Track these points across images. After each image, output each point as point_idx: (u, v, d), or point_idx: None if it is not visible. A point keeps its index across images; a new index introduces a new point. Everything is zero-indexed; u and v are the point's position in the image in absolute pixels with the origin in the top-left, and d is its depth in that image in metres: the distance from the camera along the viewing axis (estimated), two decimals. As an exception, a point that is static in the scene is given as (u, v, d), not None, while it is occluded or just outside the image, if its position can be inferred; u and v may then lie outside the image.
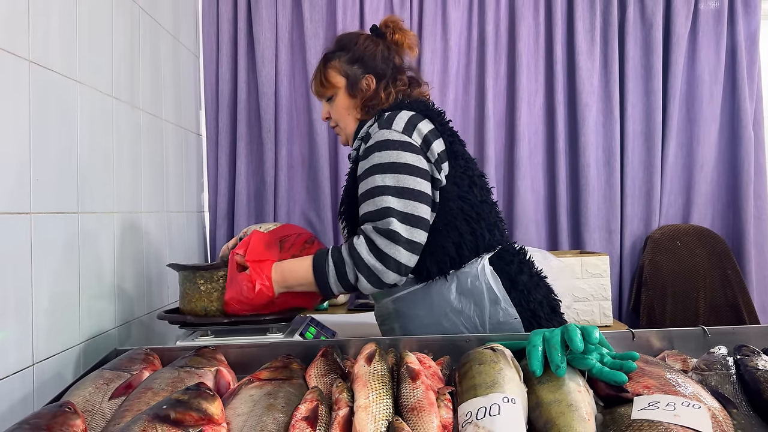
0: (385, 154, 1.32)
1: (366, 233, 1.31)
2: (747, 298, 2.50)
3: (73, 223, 1.35)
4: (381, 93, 1.47)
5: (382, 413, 0.85)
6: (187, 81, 2.32)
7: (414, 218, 1.30)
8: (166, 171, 2.02)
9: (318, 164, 2.60)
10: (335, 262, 1.32)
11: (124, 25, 1.69)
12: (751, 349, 1.02)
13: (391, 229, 1.27)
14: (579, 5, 2.63)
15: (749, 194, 2.64)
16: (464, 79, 2.68)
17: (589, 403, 0.87)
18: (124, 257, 1.63)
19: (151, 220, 1.85)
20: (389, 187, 1.30)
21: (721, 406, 0.86)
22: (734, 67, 2.69)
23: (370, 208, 1.31)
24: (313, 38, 2.59)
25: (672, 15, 2.65)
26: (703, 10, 2.67)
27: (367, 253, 1.29)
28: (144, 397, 0.95)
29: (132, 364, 1.10)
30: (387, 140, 1.33)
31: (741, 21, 2.68)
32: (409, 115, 1.37)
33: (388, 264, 1.28)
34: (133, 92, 1.73)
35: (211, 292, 1.42)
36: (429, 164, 1.35)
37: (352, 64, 1.48)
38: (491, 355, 0.98)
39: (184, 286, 1.46)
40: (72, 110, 1.37)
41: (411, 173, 1.31)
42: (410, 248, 1.29)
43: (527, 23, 2.63)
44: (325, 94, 1.52)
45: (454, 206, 1.36)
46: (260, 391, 0.96)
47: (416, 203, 1.30)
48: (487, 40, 2.63)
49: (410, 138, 1.33)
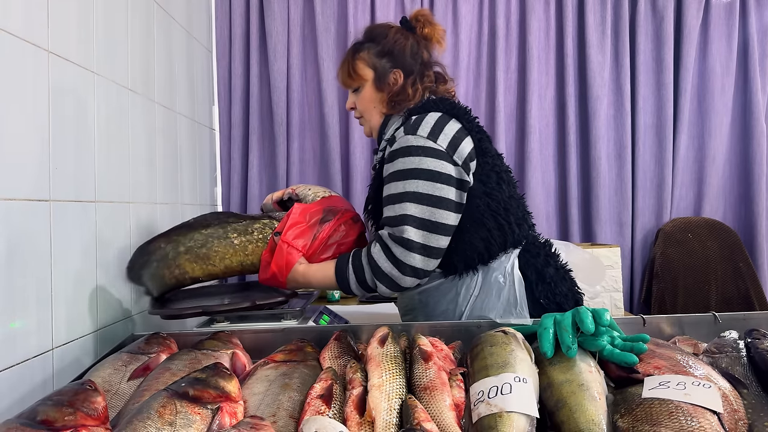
0: (408, 160, 1.33)
1: (383, 240, 1.34)
2: (759, 291, 2.49)
3: (90, 211, 1.37)
4: (408, 89, 1.46)
5: (396, 392, 0.86)
6: (200, 75, 2.35)
7: (432, 224, 1.31)
8: (181, 164, 2.04)
9: (330, 158, 2.62)
10: (355, 269, 1.36)
11: (140, 19, 1.71)
12: (762, 333, 1.03)
13: (405, 237, 1.31)
14: (590, -2, 2.63)
15: (762, 187, 2.63)
16: (475, 72, 2.69)
17: (600, 383, 0.88)
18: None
19: (165, 211, 1.88)
20: (408, 193, 1.31)
21: (732, 386, 0.87)
22: (746, 60, 2.68)
23: (389, 214, 1.34)
24: (325, 32, 2.61)
25: (683, 8, 2.64)
26: (715, 2, 2.66)
27: (384, 260, 1.33)
28: (162, 377, 0.97)
29: (149, 347, 1.13)
30: (410, 146, 1.34)
31: (753, 13, 2.66)
32: (436, 118, 1.37)
33: (404, 270, 1.32)
34: (148, 85, 1.76)
35: (245, 245, 1.37)
36: (456, 167, 1.35)
37: (381, 58, 1.47)
38: (503, 337, 0.99)
39: (212, 244, 1.37)
40: (89, 101, 1.39)
41: (431, 179, 1.32)
42: (426, 253, 1.32)
43: (538, 17, 2.64)
44: (352, 85, 1.51)
45: (481, 203, 1.37)
46: (276, 372, 0.98)
47: (435, 209, 1.32)
48: (497, 34, 2.63)
49: (434, 143, 1.34)
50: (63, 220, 1.25)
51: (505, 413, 0.79)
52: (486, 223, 1.37)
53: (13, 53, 1.09)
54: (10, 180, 1.08)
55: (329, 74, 2.61)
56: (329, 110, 2.61)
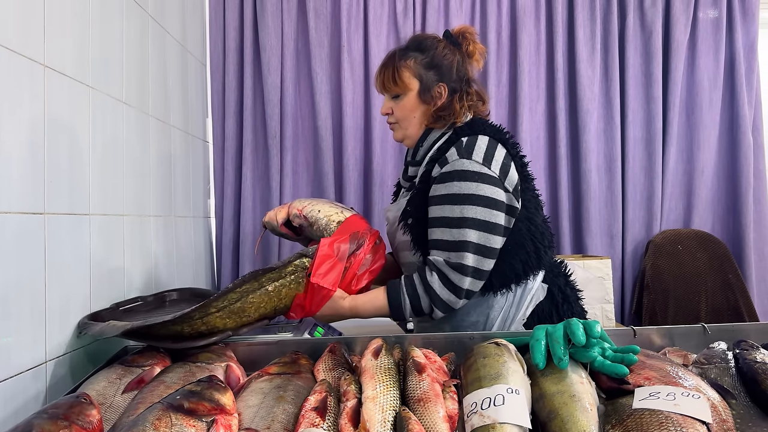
0: (465, 185, 1.36)
1: (438, 267, 1.38)
2: (748, 302, 2.52)
3: (84, 224, 1.38)
4: (456, 105, 1.47)
5: (390, 404, 0.87)
6: (194, 88, 2.36)
7: (487, 249, 1.37)
8: (174, 176, 2.05)
9: (323, 171, 2.64)
10: (410, 297, 1.40)
11: (135, 32, 1.73)
12: (750, 344, 1.05)
13: (463, 264, 1.36)
14: (579, 13, 2.67)
15: (749, 199, 2.67)
16: (467, 86, 2.71)
17: (591, 394, 0.90)
18: (133, 259, 1.66)
19: (159, 224, 1.88)
20: (468, 219, 1.35)
21: (721, 396, 0.89)
22: (733, 74, 2.72)
23: (446, 237, 1.37)
24: (318, 47, 2.63)
25: (671, 23, 2.68)
26: (702, 18, 2.71)
27: (440, 287, 1.38)
28: (157, 390, 0.97)
29: (143, 360, 1.13)
30: (467, 171, 1.36)
31: (739, 29, 2.71)
32: (486, 142, 1.40)
33: (459, 295, 1.38)
34: (143, 98, 1.77)
35: (279, 290, 1.31)
36: (507, 194, 1.40)
37: (429, 70, 1.47)
38: (495, 348, 1.01)
39: (246, 298, 1.28)
40: (84, 114, 1.40)
41: (489, 206, 1.36)
42: (477, 276, 1.39)
43: (528, 31, 2.67)
44: (394, 92, 1.50)
45: (523, 227, 1.43)
46: (270, 384, 0.99)
47: (491, 235, 1.37)
48: (489, 48, 2.66)
49: (489, 169, 1.37)
50: (57, 232, 1.25)
51: (498, 424, 0.80)
52: (526, 246, 1.43)
53: (9, 67, 1.10)
54: (4, 193, 1.08)
55: (323, 88, 2.63)
56: (322, 123, 2.63)
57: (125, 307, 1.46)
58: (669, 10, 2.69)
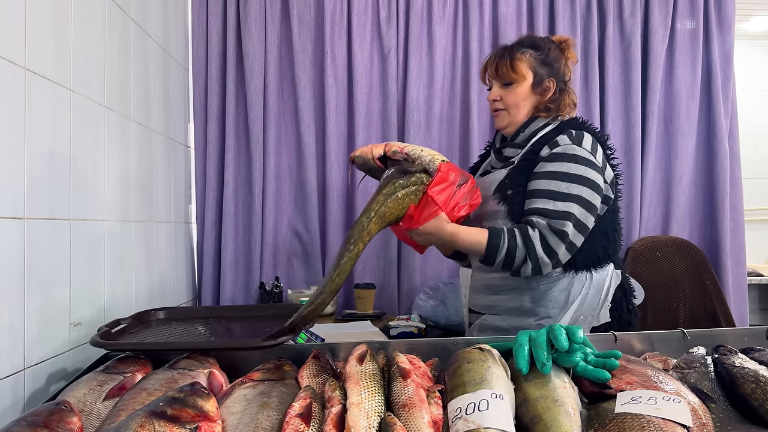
0: (575, 167, 1.49)
1: (540, 228, 1.46)
2: (725, 308, 2.56)
3: (65, 228, 1.36)
4: (566, 99, 1.64)
5: (374, 410, 0.87)
6: (176, 93, 2.34)
7: (583, 226, 1.49)
8: (155, 181, 2.03)
9: (306, 176, 2.63)
10: (509, 245, 1.46)
11: (117, 37, 1.71)
12: (728, 348, 1.07)
13: (564, 230, 1.45)
14: (560, 23, 2.70)
15: (725, 206, 2.71)
16: (449, 93, 2.73)
17: (574, 398, 0.90)
18: (113, 265, 1.64)
19: (139, 229, 1.87)
20: (575, 195, 1.47)
21: (701, 400, 0.90)
22: (710, 84, 2.77)
23: (551, 207, 1.47)
24: (302, 52, 2.63)
25: (650, 33, 2.73)
26: (680, 29, 2.76)
27: (539, 245, 1.45)
28: (139, 397, 0.96)
29: (125, 366, 1.11)
30: (578, 155, 1.50)
31: (716, 40, 2.76)
32: (591, 138, 1.55)
33: (552, 258, 1.46)
34: (124, 102, 1.76)
35: (404, 198, 1.39)
36: (605, 184, 1.53)
37: (542, 65, 1.61)
38: (479, 354, 1.01)
39: (386, 201, 1.36)
40: (65, 118, 1.39)
41: (593, 188, 1.49)
42: (570, 249, 1.48)
43: (510, 40, 2.66)
44: (507, 79, 1.60)
45: (609, 217, 1.58)
46: (254, 391, 0.98)
47: (589, 215, 1.49)
48: (471, 56, 2.69)
49: (595, 158, 1.51)
50: (37, 237, 1.23)
51: (482, 429, 0.80)
52: (609, 235, 1.57)
53: (-11, 70, 1.09)
54: (-16, 197, 1.07)
55: (306, 93, 2.63)
56: (306, 129, 2.63)
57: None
58: (648, 21, 2.74)
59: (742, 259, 2.77)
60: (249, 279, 2.61)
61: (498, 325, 1.59)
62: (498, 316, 1.60)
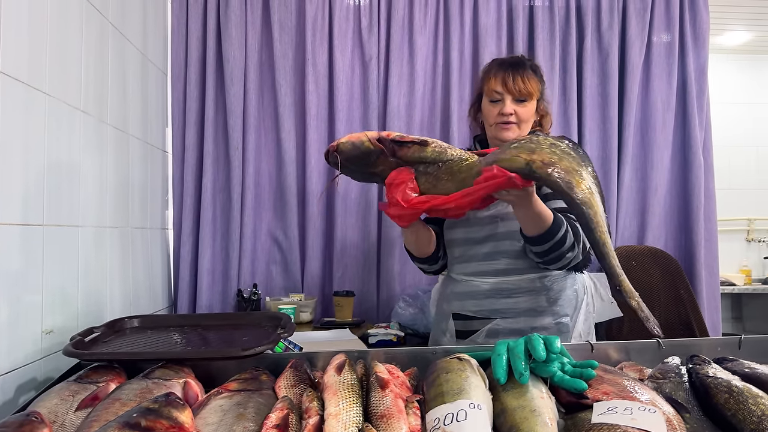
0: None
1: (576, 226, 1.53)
2: (699, 317, 2.59)
3: (37, 234, 1.33)
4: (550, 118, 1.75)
5: (352, 420, 0.86)
6: (154, 97, 2.32)
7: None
8: (132, 186, 2.01)
9: (286, 183, 2.62)
10: (566, 229, 1.48)
11: (94, 40, 1.69)
12: (702, 359, 1.08)
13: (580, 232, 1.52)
14: (539, 34, 2.73)
15: (700, 217, 2.76)
16: (430, 102, 2.74)
17: (551, 408, 0.91)
18: (87, 272, 1.61)
19: (115, 235, 1.84)
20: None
21: (675, 410, 0.91)
22: (685, 97, 2.82)
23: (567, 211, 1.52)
24: (282, 58, 2.62)
25: (627, 46, 2.77)
26: (656, 41, 2.80)
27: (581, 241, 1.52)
28: (112, 407, 0.94)
29: (98, 376, 1.09)
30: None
31: (691, 53, 2.81)
32: None
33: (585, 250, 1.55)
34: (101, 107, 1.73)
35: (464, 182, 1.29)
36: None
37: (542, 85, 1.70)
38: (458, 363, 1.01)
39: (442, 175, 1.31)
40: (40, 122, 1.36)
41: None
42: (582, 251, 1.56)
43: (490, 51, 2.72)
44: (524, 95, 1.63)
45: None
46: (230, 402, 0.97)
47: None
48: (451, 66, 2.70)
49: None
50: (8, 243, 1.21)
51: (460, 440, 0.80)
52: None
53: (-38, 72, 1.07)
54: (-46, 202, 1.04)
55: (287, 100, 2.62)
56: (286, 135, 2.62)
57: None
58: (625, 33, 2.78)
59: (715, 268, 2.82)
60: (226, 286, 2.59)
61: (514, 327, 1.60)
62: (512, 319, 1.62)
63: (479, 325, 1.65)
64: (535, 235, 1.47)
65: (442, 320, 1.75)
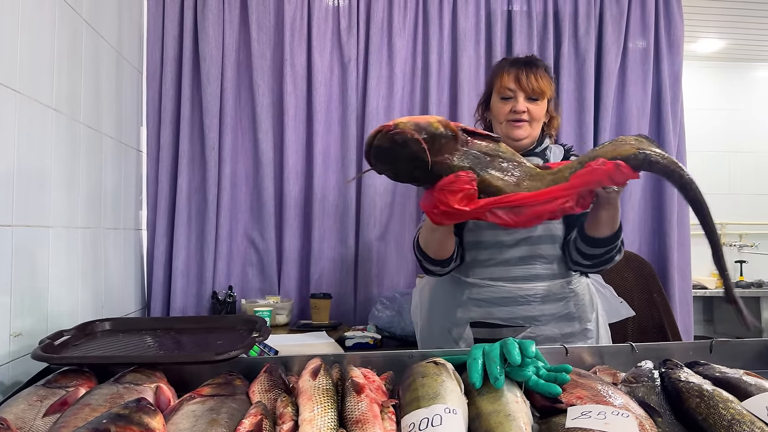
0: None
1: None
2: (671, 320, 2.63)
3: (6, 235, 1.30)
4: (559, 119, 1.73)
5: (327, 426, 0.86)
6: (129, 96, 2.29)
7: None
8: (104, 186, 1.97)
9: (263, 184, 2.60)
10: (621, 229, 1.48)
11: (67, 37, 1.66)
12: (674, 363, 1.09)
13: None
14: (517, 39, 2.75)
15: (673, 222, 2.80)
16: (408, 105, 2.74)
17: (526, 413, 0.91)
18: (58, 273, 1.58)
19: (87, 236, 1.80)
20: None
21: (648, 414, 0.92)
22: (659, 104, 2.86)
23: None
24: (260, 58, 2.60)
25: (603, 52, 2.81)
26: (632, 48, 2.84)
27: None
28: (81, 413, 0.92)
29: (67, 380, 1.07)
30: None
31: (665, 60, 2.86)
32: None
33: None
34: (73, 105, 1.70)
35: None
36: None
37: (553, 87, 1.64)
38: (434, 368, 1.01)
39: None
40: (10, 120, 1.33)
41: None
42: None
43: (468, 54, 2.73)
44: (537, 94, 1.59)
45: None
46: (202, 407, 0.95)
47: None
48: (430, 69, 2.71)
49: None
50: (-25, 245, 1.18)
51: (435, 445, 0.80)
52: None
53: (-73, 68, 1.04)
54: None
55: (264, 100, 2.60)
56: (263, 136, 2.60)
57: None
58: (602, 40, 2.82)
59: (688, 272, 2.86)
60: (201, 288, 2.56)
61: (548, 334, 1.56)
62: (545, 326, 1.56)
63: (510, 333, 1.53)
64: (606, 236, 1.46)
65: (454, 328, 1.62)
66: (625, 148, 1.17)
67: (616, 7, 2.81)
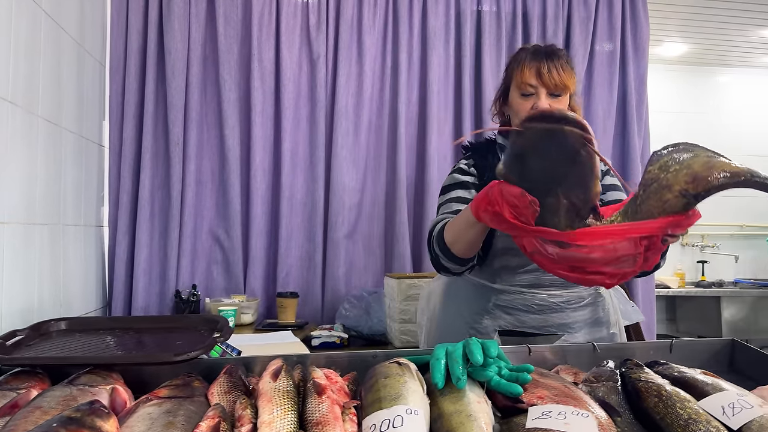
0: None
1: None
2: (634, 320, 2.67)
3: (-44, 232, 1.25)
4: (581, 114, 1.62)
5: (286, 428, 0.84)
6: (91, 90, 2.23)
7: None
8: (64, 182, 1.92)
9: (229, 180, 2.56)
10: None
11: (25, 28, 1.61)
12: (635, 363, 1.10)
13: None
14: (486, 40, 2.76)
15: (637, 222, 2.84)
16: (378, 103, 2.73)
17: (487, 413, 0.91)
18: (14, 270, 1.53)
19: (45, 232, 1.75)
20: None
21: (607, 414, 0.92)
22: (625, 106, 2.91)
23: None
24: (227, 53, 2.56)
25: (571, 53, 2.84)
26: (599, 50, 2.88)
27: None
28: (32, 416, 0.89)
29: (19, 382, 1.03)
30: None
31: (631, 63, 2.91)
32: None
33: None
34: (31, 98, 1.65)
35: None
36: None
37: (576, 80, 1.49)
38: (397, 368, 1.00)
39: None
40: (-40, 112, 1.28)
41: None
42: None
43: (438, 53, 2.74)
44: (560, 88, 1.45)
45: None
46: (159, 409, 0.92)
47: None
48: (400, 68, 2.70)
49: None
50: None
51: (396, 447, 0.79)
52: None
53: None
54: None
55: (231, 95, 2.56)
56: (230, 132, 2.56)
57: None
58: (569, 41, 2.85)
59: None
60: (164, 287, 2.51)
61: (580, 341, 1.50)
62: (578, 333, 1.52)
63: (544, 341, 1.48)
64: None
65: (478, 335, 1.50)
66: (727, 164, 0.95)
67: (584, 10, 2.85)
